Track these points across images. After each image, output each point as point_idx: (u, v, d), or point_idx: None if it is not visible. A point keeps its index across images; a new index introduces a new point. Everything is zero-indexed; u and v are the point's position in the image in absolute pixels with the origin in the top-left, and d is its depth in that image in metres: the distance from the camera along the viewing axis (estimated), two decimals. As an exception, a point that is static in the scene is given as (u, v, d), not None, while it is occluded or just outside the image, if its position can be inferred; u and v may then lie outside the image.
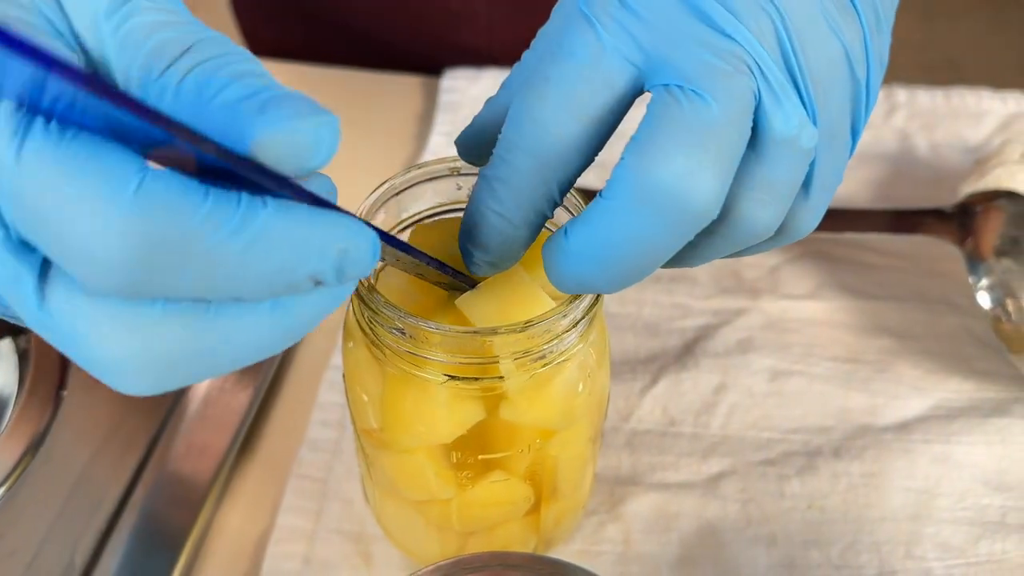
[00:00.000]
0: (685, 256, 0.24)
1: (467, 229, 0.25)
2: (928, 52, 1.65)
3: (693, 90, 0.21)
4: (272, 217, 0.18)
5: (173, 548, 0.36)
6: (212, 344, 0.20)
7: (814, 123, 0.22)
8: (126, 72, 0.20)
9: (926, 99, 0.57)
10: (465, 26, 0.59)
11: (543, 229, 0.26)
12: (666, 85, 0.22)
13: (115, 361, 0.19)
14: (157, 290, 0.18)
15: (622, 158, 0.22)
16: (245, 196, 0.18)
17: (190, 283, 0.18)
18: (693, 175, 0.21)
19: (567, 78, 0.22)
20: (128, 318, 0.19)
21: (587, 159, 0.24)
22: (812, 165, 0.23)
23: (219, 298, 0.19)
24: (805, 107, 0.22)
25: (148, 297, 0.19)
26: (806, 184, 0.23)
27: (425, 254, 0.26)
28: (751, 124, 0.22)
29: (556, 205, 0.24)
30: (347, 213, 0.21)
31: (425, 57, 0.60)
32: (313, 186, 0.21)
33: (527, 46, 0.26)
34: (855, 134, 0.24)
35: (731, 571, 0.36)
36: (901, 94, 0.57)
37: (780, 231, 0.24)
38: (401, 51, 0.61)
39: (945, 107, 0.57)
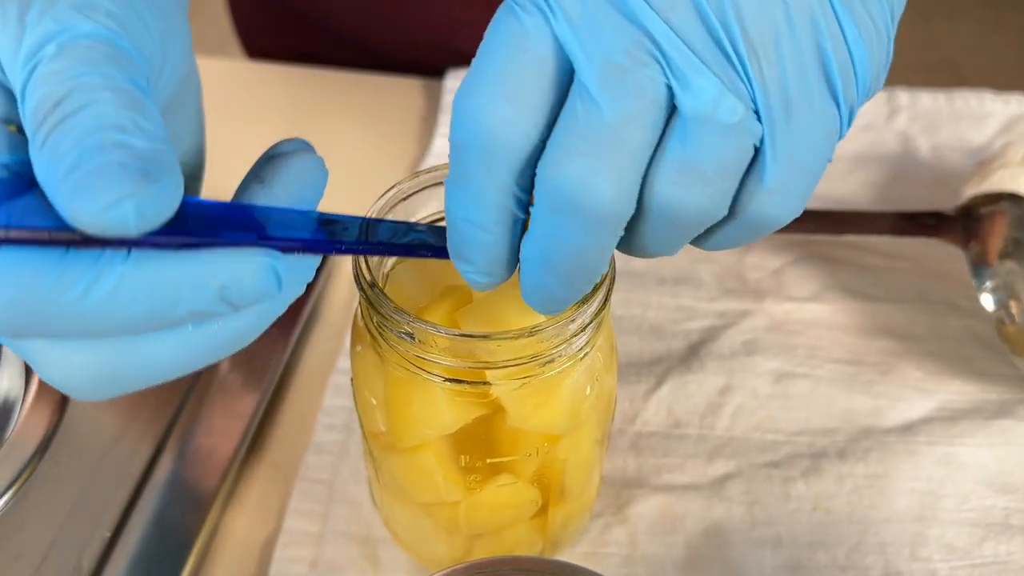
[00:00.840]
0: (635, 247, 0.24)
1: (450, 246, 0.24)
2: (928, 53, 1.65)
3: (589, 93, 0.21)
4: (130, 270, 0.20)
5: (180, 552, 0.36)
6: (135, 364, 0.21)
7: (753, 95, 0.21)
8: (26, 129, 0.21)
9: (928, 101, 0.57)
10: (465, 34, 0.60)
11: None
12: (578, 78, 0.21)
13: (54, 380, 0.22)
14: (45, 333, 0.21)
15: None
16: (107, 253, 0.20)
17: (70, 328, 0.20)
18: (587, 181, 0.21)
19: (493, 61, 0.22)
20: (46, 350, 0.21)
21: (540, 145, 0.22)
22: (763, 142, 0.22)
23: (109, 335, 0.21)
24: (743, 80, 0.21)
25: (42, 338, 0.21)
26: (762, 164, 0.22)
27: (390, 244, 0.26)
28: (662, 112, 0.21)
29: (523, 202, 0.23)
30: (236, 243, 0.21)
31: (425, 65, 0.60)
32: (300, 167, 0.23)
33: None
34: (839, 106, 0.22)
35: (737, 572, 0.37)
36: (903, 96, 0.57)
37: (738, 217, 0.23)
38: (400, 59, 0.62)
39: (947, 109, 0.57)
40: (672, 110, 0.21)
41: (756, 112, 0.21)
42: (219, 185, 0.54)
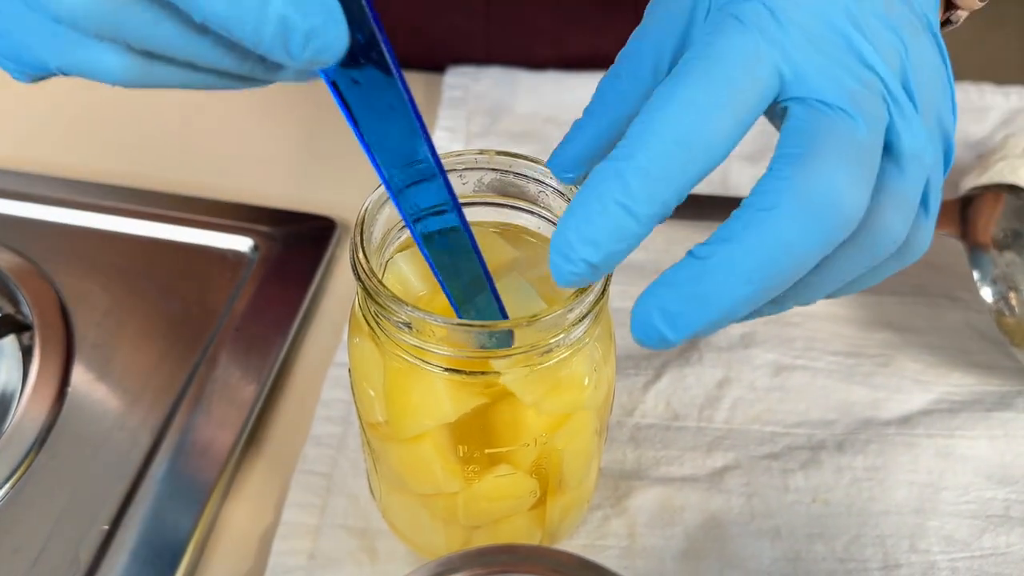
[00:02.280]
0: (817, 277, 0.24)
1: (575, 226, 0.22)
2: (926, 48, 1.65)
3: (842, 109, 0.23)
4: None
5: (178, 545, 0.36)
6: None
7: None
8: None
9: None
10: (464, 43, 0.60)
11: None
12: (803, 100, 0.23)
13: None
14: None
15: (775, 168, 0.22)
16: None
17: None
18: (850, 187, 0.22)
19: (726, 74, 0.23)
20: None
21: (724, 155, 0.23)
22: (927, 182, 0.25)
23: None
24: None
25: None
26: (924, 201, 0.25)
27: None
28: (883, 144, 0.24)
29: (680, 201, 0.23)
30: None
31: (427, 66, 0.60)
32: None
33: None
34: (948, 151, 0.26)
35: (736, 564, 0.36)
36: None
37: (904, 248, 0.25)
38: (402, 60, 0.62)
39: (946, 102, 0.57)
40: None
41: None
42: (229, 177, 0.54)
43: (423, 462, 0.30)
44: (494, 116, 0.55)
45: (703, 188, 0.54)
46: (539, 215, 0.32)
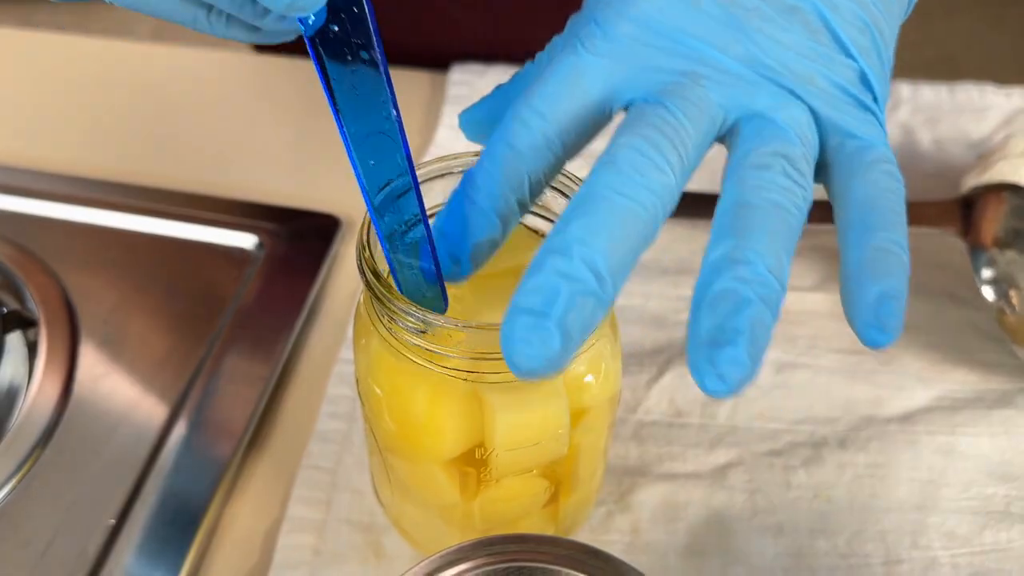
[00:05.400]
0: None
1: (441, 225, 0.26)
2: (926, 50, 1.66)
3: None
4: None
5: (184, 539, 0.36)
6: None
7: None
8: None
9: (930, 94, 0.57)
10: (467, 36, 0.60)
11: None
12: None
13: None
14: None
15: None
16: None
17: None
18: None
19: (552, 92, 0.25)
20: None
21: (560, 158, 0.25)
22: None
23: None
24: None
25: None
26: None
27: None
28: None
29: (526, 205, 0.25)
30: None
31: (427, 60, 0.61)
32: None
33: (527, 57, 0.29)
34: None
35: (739, 560, 0.37)
36: (905, 89, 0.58)
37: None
38: (402, 55, 0.62)
39: (949, 102, 0.57)
40: None
41: None
42: (234, 174, 0.54)
43: (438, 481, 0.30)
44: (497, 114, 0.55)
45: (700, 185, 0.54)
46: (539, 215, 0.32)
